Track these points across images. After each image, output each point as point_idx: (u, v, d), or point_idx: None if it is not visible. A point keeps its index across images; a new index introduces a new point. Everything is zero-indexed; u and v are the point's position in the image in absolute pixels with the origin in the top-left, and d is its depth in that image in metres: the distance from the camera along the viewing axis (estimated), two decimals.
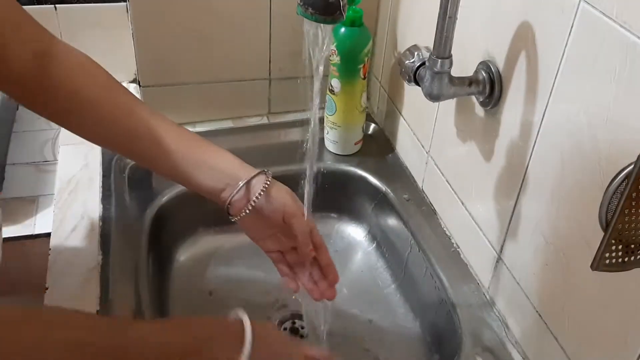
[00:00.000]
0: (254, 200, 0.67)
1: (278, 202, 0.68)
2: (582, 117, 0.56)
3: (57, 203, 0.85)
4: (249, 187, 0.67)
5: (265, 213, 0.68)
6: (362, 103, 0.97)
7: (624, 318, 0.55)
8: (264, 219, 0.69)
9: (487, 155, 0.74)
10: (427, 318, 0.84)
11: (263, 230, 0.72)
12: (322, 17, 0.58)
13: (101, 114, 0.66)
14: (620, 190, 0.45)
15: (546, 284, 0.65)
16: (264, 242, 0.73)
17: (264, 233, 0.72)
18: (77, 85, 0.64)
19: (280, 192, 0.69)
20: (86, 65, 0.66)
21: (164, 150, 0.67)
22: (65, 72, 0.64)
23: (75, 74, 0.65)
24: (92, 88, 0.65)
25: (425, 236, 0.86)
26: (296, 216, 0.69)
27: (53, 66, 0.63)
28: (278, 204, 0.68)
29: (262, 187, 0.67)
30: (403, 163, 0.99)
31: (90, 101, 0.65)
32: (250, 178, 0.67)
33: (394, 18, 0.96)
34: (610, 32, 0.52)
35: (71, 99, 0.64)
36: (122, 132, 0.66)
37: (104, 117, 0.66)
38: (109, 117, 0.66)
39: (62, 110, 0.65)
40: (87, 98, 0.65)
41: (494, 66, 0.69)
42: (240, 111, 1.03)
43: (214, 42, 0.98)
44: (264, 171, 0.68)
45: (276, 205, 0.68)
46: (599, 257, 0.45)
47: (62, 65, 0.64)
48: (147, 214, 0.88)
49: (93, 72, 0.66)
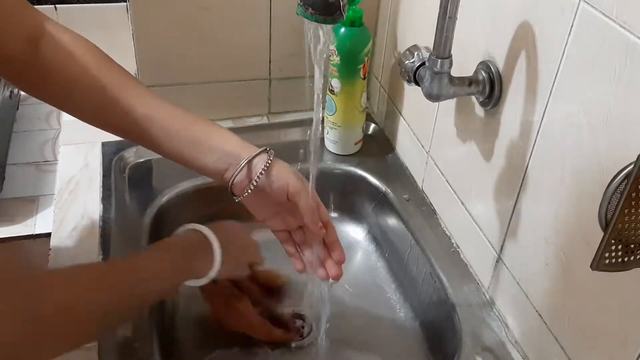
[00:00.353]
0: (256, 179, 0.66)
1: (281, 180, 0.67)
2: (582, 117, 0.56)
3: (57, 203, 0.85)
4: (251, 167, 0.67)
5: (268, 191, 0.67)
6: (362, 103, 0.97)
7: (624, 318, 0.55)
8: (268, 198, 0.68)
9: (487, 155, 0.74)
10: (427, 318, 0.84)
11: (268, 209, 0.71)
12: (322, 17, 0.58)
13: (97, 96, 0.65)
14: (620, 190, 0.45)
15: (546, 283, 0.65)
16: (270, 221, 0.73)
17: (268, 212, 0.72)
18: (73, 66, 0.64)
19: (283, 170, 0.68)
20: (81, 46, 0.65)
21: (164, 132, 0.67)
22: (60, 54, 0.64)
23: (70, 55, 0.64)
24: (88, 69, 0.65)
25: (425, 236, 0.86)
26: (300, 194, 0.68)
27: (48, 49, 0.63)
28: (281, 182, 0.67)
29: (263, 165, 0.66)
30: (403, 163, 0.99)
31: (86, 83, 0.64)
32: (252, 157, 0.67)
33: (394, 18, 0.96)
34: (610, 32, 0.52)
35: (67, 81, 0.64)
36: (119, 114, 0.66)
37: (101, 99, 0.65)
38: (105, 99, 0.65)
39: (59, 92, 0.65)
40: (83, 79, 0.64)
41: (493, 66, 0.69)
42: (240, 111, 1.03)
43: (214, 42, 0.98)
44: (266, 149, 0.68)
45: (279, 184, 0.67)
46: (598, 257, 0.45)
47: (56, 48, 0.63)
48: (147, 214, 0.88)
49: (88, 53, 0.66)
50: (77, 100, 0.66)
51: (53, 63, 0.63)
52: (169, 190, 0.91)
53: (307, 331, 0.84)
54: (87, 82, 0.65)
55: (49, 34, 0.63)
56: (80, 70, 0.64)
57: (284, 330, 0.81)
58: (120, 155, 0.94)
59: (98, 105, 0.66)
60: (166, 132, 0.67)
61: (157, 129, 0.66)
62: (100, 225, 0.82)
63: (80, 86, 0.65)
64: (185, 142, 0.67)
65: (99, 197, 0.87)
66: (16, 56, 0.61)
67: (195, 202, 0.92)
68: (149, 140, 0.67)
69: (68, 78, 0.64)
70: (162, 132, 0.66)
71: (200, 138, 0.67)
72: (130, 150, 0.95)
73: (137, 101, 0.66)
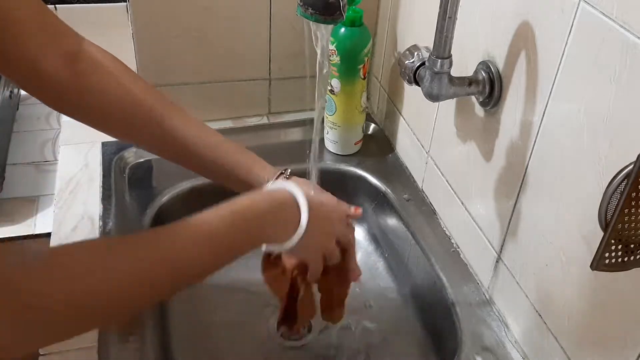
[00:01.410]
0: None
1: None
2: (582, 117, 0.57)
3: (58, 203, 0.85)
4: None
5: None
6: (362, 103, 0.97)
7: (623, 318, 0.55)
8: None
9: (487, 155, 0.74)
10: (427, 318, 0.84)
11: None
12: (322, 17, 0.58)
13: (135, 118, 0.66)
14: (620, 190, 0.45)
15: (546, 283, 0.65)
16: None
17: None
18: (114, 86, 0.64)
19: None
20: (119, 66, 0.66)
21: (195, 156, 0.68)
22: (99, 73, 0.64)
23: (109, 74, 0.64)
24: (131, 90, 0.65)
25: (425, 236, 0.86)
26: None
27: (87, 67, 0.63)
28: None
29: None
30: (403, 163, 0.99)
31: (123, 104, 0.65)
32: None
33: (394, 18, 0.96)
34: (610, 32, 0.52)
35: (109, 101, 0.64)
36: (163, 135, 0.67)
37: (145, 120, 0.66)
38: (149, 119, 0.66)
39: (99, 114, 0.65)
40: (126, 100, 0.65)
41: (493, 66, 0.69)
42: (240, 111, 1.03)
43: (214, 42, 0.98)
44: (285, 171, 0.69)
45: None
46: (598, 257, 0.45)
47: (95, 66, 0.64)
48: (147, 214, 0.88)
49: (126, 74, 0.66)
50: (120, 121, 0.66)
51: (92, 82, 0.63)
52: (169, 190, 0.91)
53: (306, 331, 0.84)
54: (124, 104, 0.65)
55: (87, 53, 0.63)
56: (122, 90, 0.65)
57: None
58: (120, 155, 0.94)
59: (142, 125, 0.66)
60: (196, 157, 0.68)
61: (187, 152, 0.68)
62: (100, 225, 0.82)
63: (118, 108, 0.65)
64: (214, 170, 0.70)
65: (99, 197, 0.87)
66: (56, 74, 0.61)
67: (195, 202, 0.92)
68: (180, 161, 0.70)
69: (109, 97, 0.64)
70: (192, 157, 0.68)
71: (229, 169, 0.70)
72: (130, 150, 0.95)
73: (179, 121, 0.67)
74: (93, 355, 0.66)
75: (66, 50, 0.62)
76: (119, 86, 0.64)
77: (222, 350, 0.81)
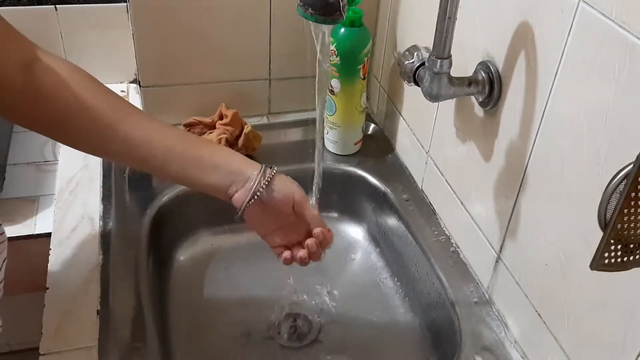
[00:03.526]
0: (259, 190, 0.66)
1: (286, 190, 0.68)
2: (582, 117, 0.57)
3: (58, 203, 0.85)
4: (254, 181, 0.67)
5: (273, 204, 0.68)
6: (361, 103, 0.97)
7: (623, 318, 0.55)
8: (272, 211, 0.69)
9: (486, 155, 0.74)
10: (427, 317, 0.84)
11: (270, 224, 0.71)
12: (322, 17, 0.58)
13: (95, 124, 0.64)
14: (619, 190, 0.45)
15: (546, 283, 0.66)
16: (271, 236, 0.72)
17: (271, 227, 0.71)
18: (68, 93, 0.63)
19: (286, 182, 0.69)
20: (75, 73, 0.64)
21: (167, 154, 0.66)
22: (55, 80, 0.62)
23: (64, 82, 0.63)
24: (84, 97, 0.63)
25: (425, 236, 0.86)
26: (306, 203, 0.69)
27: (42, 74, 0.62)
28: (286, 192, 0.68)
29: (267, 178, 0.67)
30: (403, 163, 0.99)
31: (81, 112, 0.63)
32: (258, 172, 0.67)
33: (394, 18, 0.96)
34: (609, 32, 0.52)
35: (62, 108, 0.63)
36: (119, 141, 0.65)
37: (98, 126, 0.64)
38: (102, 126, 0.64)
39: (53, 122, 0.64)
40: (78, 106, 0.63)
41: (493, 66, 0.69)
42: (240, 111, 1.03)
43: (214, 42, 0.98)
44: (270, 166, 0.69)
45: (284, 193, 0.68)
46: (598, 257, 0.45)
47: (51, 74, 0.62)
48: (147, 214, 0.88)
49: (83, 80, 0.65)
50: (73, 129, 0.65)
51: (48, 89, 0.62)
52: (169, 191, 0.91)
53: (307, 331, 0.84)
54: (82, 109, 0.63)
55: (42, 61, 0.62)
56: (76, 97, 0.63)
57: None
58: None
59: (96, 133, 0.65)
60: (169, 154, 0.66)
61: (159, 152, 0.66)
62: (100, 225, 0.82)
63: (75, 113, 0.63)
64: (190, 163, 0.67)
65: (99, 197, 0.87)
66: (11, 83, 0.60)
67: (195, 202, 0.92)
68: (152, 165, 0.67)
69: (63, 105, 0.63)
70: (165, 155, 0.66)
71: (204, 157, 0.68)
72: None
73: (137, 127, 0.66)
74: (93, 355, 0.66)
75: (19, 58, 0.60)
76: (69, 93, 0.63)
77: (222, 350, 0.82)
